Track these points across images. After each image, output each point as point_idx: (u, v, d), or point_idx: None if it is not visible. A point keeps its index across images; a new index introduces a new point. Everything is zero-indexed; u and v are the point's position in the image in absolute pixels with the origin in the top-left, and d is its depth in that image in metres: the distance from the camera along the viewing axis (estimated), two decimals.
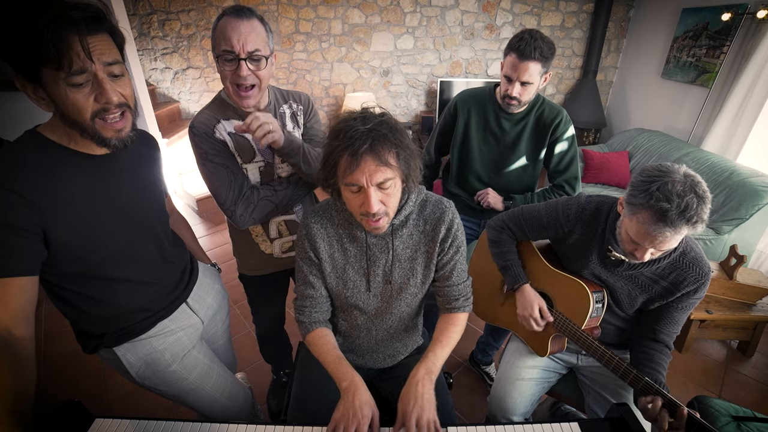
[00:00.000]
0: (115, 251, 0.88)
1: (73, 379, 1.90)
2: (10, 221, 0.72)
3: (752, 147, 2.85)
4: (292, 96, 1.24)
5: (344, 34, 3.65)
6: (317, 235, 1.00)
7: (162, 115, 3.32)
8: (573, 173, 1.57)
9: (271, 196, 1.17)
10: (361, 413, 0.84)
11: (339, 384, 0.92)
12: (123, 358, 0.97)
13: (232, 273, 2.55)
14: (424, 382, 0.89)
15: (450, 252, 1.01)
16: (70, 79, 0.68)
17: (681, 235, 0.90)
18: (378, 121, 0.82)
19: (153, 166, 1.01)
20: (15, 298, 0.74)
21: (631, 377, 1.04)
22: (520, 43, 1.33)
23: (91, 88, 0.71)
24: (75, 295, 0.88)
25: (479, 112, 1.56)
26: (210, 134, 1.10)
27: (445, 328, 1.03)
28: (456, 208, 1.03)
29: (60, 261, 0.80)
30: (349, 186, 0.84)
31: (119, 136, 0.78)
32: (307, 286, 1.04)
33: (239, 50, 0.98)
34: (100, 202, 0.84)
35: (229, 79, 1.03)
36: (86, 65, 0.69)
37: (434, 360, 0.95)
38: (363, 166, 0.80)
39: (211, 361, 1.14)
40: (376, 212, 0.85)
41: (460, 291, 1.05)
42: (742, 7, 2.78)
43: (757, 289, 2.01)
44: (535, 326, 1.23)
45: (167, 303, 1.03)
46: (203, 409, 1.14)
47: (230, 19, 0.98)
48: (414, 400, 0.86)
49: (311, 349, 1.02)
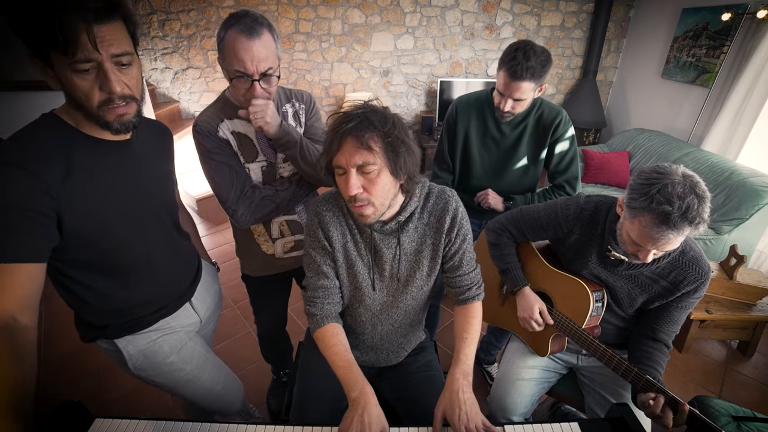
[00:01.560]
0: (126, 240, 0.88)
1: (73, 379, 1.90)
2: (24, 204, 0.71)
3: (752, 147, 2.84)
4: (295, 95, 1.25)
5: (344, 34, 3.65)
6: (330, 223, 0.98)
7: (162, 115, 3.32)
8: (573, 173, 1.57)
9: (273, 195, 1.17)
10: (370, 430, 0.82)
11: (348, 393, 0.88)
12: (124, 349, 0.97)
13: (233, 273, 2.56)
14: (464, 387, 0.89)
15: (457, 241, 1.00)
16: (74, 65, 0.68)
17: (683, 236, 0.90)
18: (371, 109, 0.85)
19: (165, 156, 1.02)
20: (22, 285, 0.73)
21: (632, 376, 1.04)
22: (512, 62, 1.30)
23: (96, 76, 0.71)
24: (81, 285, 0.87)
25: (478, 118, 1.56)
26: (213, 133, 1.11)
27: (466, 322, 1.02)
28: None
29: (71, 247, 0.80)
30: (336, 168, 0.87)
31: (121, 121, 0.78)
32: (320, 277, 1.01)
33: (253, 72, 0.99)
34: (113, 188, 0.84)
35: (243, 96, 1.04)
36: (92, 55, 0.69)
37: (466, 361, 0.95)
38: (344, 148, 0.83)
39: (207, 351, 1.15)
40: (357, 197, 0.85)
41: (472, 279, 1.05)
42: (742, 7, 2.78)
43: (757, 289, 2.01)
44: (536, 328, 1.23)
45: (174, 298, 1.03)
46: (198, 399, 1.14)
47: (242, 38, 0.96)
48: (459, 407, 0.86)
49: (320, 346, 0.98)
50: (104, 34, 0.69)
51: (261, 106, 1.04)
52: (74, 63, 0.68)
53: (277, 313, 1.56)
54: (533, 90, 1.37)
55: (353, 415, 0.83)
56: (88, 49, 0.67)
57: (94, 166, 0.81)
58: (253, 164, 1.18)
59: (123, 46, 0.72)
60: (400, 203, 0.96)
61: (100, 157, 0.82)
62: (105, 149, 0.83)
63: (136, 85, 0.77)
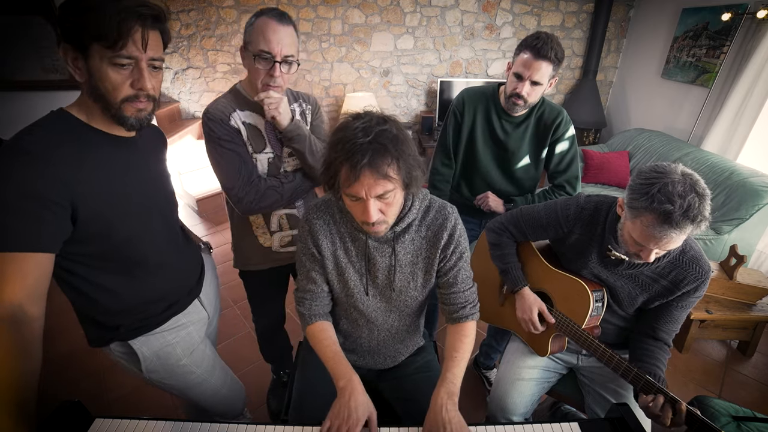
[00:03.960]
0: (136, 233, 0.89)
1: (73, 379, 1.91)
2: (40, 193, 0.72)
3: (752, 147, 2.84)
4: (302, 96, 1.31)
5: (344, 34, 3.65)
6: (320, 232, 0.99)
7: (162, 115, 3.32)
8: (573, 173, 1.57)
9: (278, 187, 1.20)
10: (356, 415, 0.84)
11: (336, 382, 0.92)
12: (138, 351, 0.97)
13: (233, 273, 2.53)
14: (448, 406, 0.87)
15: (453, 258, 1.00)
16: (115, 58, 0.74)
17: (686, 234, 0.90)
18: (379, 131, 0.79)
19: (163, 155, 1.06)
20: (32, 274, 0.73)
21: (632, 376, 1.04)
22: (536, 41, 1.32)
23: (131, 72, 0.77)
24: (90, 283, 0.87)
25: (484, 114, 1.56)
26: (225, 121, 1.15)
27: (457, 340, 1.00)
28: (457, 207, 1.03)
29: (82, 240, 0.80)
30: (349, 196, 0.84)
31: (138, 116, 0.82)
32: (308, 281, 1.04)
33: (277, 53, 1.06)
34: (122, 181, 0.86)
35: (262, 78, 1.10)
36: (137, 54, 0.75)
37: (453, 380, 0.92)
38: (362, 180, 0.79)
39: (215, 354, 1.17)
40: (375, 221, 0.85)
41: (466, 298, 1.04)
42: (742, 7, 2.78)
43: (757, 289, 2.01)
44: (534, 329, 1.23)
45: (183, 294, 1.05)
46: (204, 402, 1.16)
47: (272, 22, 1.05)
48: (444, 427, 0.84)
49: (310, 342, 1.03)
50: (150, 38, 0.77)
51: (276, 98, 1.10)
52: (116, 57, 0.74)
53: (275, 311, 1.57)
54: (549, 77, 1.37)
55: (341, 402, 0.87)
56: (136, 47, 0.75)
57: (106, 159, 0.83)
58: (261, 155, 1.21)
59: (159, 52, 0.81)
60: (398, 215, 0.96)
61: (112, 151, 0.85)
62: (115, 144, 0.86)
63: (158, 89, 0.85)
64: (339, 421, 0.84)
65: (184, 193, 3.59)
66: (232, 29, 3.48)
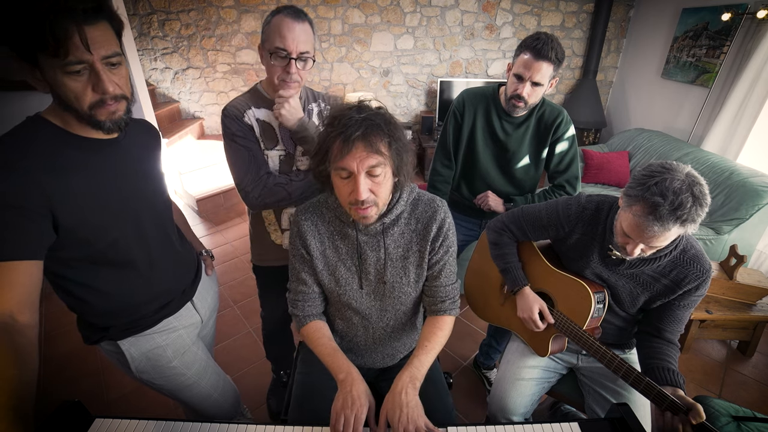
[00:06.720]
0: (121, 236, 0.88)
1: (73, 379, 1.90)
2: (20, 203, 0.71)
3: (752, 147, 2.85)
4: (322, 97, 1.35)
5: (344, 34, 3.66)
6: (308, 232, 1.00)
7: (162, 115, 3.32)
8: (573, 173, 1.57)
9: (286, 184, 1.21)
10: (360, 401, 0.86)
11: (336, 376, 0.93)
12: (126, 352, 0.97)
13: (233, 273, 2.56)
14: (408, 390, 0.88)
15: (440, 252, 1.01)
16: (66, 67, 0.68)
17: (670, 233, 0.89)
18: (373, 112, 0.84)
19: (154, 153, 1.02)
20: (20, 283, 0.73)
21: (632, 378, 1.04)
22: (536, 42, 1.33)
23: (88, 77, 0.71)
24: (80, 286, 0.87)
25: (484, 115, 1.56)
26: (239, 117, 1.17)
27: (431, 332, 1.02)
28: (458, 208, 1.03)
29: (66, 245, 0.80)
30: (339, 171, 0.85)
31: (112, 118, 0.78)
32: (299, 283, 1.06)
33: (292, 50, 1.07)
34: (104, 185, 0.84)
35: (278, 74, 1.11)
36: (84, 57, 0.69)
37: (419, 366, 0.94)
38: (354, 152, 0.82)
39: (207, 357, 1.16)
40: (365, 200, 0.86)
41: (447, 293, 1.05)
42: (742, 7, 2.78)
43: (757, 289, 2.01)
44: (537, 327, 1.23)
45: (176, 296, 1.04)
46: (195, 405, 1.15)
47: (288, 19, 1.06)
48: (400, 409, 0.85)
49: (307, 342, 1.04)
50: (94, 35, 0.69)
51: (283, 98, 1.13)
52: (66, 65, 0.68)
53: (281, 308, 1.57)
54: (549, 77, 1.37)
55: (343, 393, 0.88)
56: (80, 50, 0.68)
57: (85, 164, 0.81)
58: (272, 152, 1.23)
59: (112, 46, 0.73)
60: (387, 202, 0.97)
61: (91, 155, 0.82)
62: (95, 147, 0.83)
63: (125, 84, 0.78)
64: (345, 410, 0.85)
65: (184, 193, 3.59)
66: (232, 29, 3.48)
